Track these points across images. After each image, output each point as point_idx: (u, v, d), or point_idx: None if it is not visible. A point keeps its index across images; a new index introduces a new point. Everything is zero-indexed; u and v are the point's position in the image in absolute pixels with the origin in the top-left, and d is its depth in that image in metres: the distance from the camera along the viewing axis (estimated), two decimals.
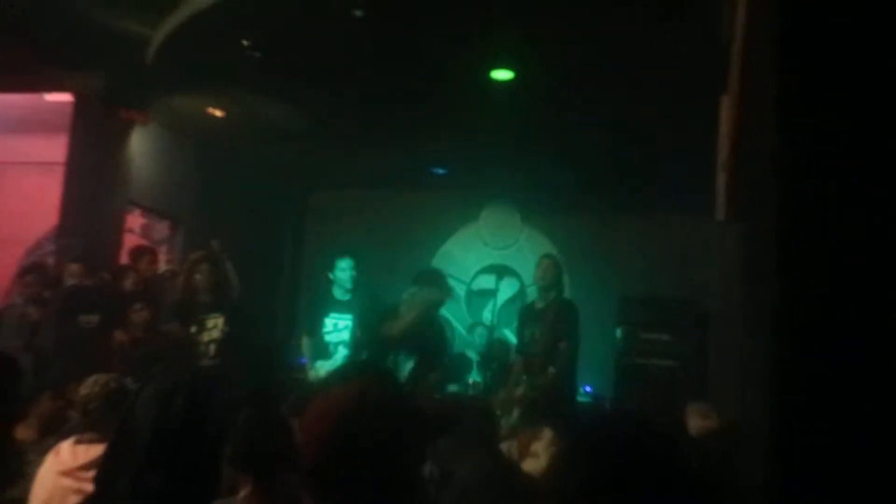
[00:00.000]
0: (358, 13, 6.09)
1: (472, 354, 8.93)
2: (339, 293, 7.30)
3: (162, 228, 10.13)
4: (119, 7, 6.79)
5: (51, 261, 8.60)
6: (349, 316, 7.23)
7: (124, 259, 8.53)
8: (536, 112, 7.72)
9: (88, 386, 4.14)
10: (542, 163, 9.07)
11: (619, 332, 9.15)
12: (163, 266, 8.77)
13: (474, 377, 8.50)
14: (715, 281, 8.11)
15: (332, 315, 7.31)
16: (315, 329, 7.29)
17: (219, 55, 7.10)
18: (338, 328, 7.30)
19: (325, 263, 7.50)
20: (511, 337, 9.38)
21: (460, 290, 10.89)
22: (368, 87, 7.60)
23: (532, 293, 9.86)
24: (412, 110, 8.06)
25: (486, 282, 10.68)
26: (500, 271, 10.59)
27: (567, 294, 10.32)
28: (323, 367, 7.01)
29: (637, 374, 8.85)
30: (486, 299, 10.46)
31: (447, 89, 7.50)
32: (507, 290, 10.38)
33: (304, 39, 6.76)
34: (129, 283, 7.62)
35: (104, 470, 2.11)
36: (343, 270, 7.26)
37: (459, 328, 10.66)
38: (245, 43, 6.77)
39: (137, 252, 8.31)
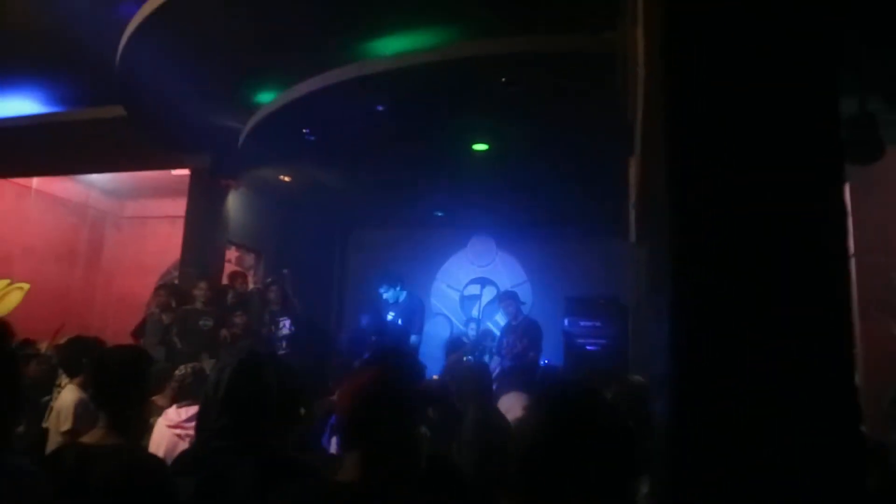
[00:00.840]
0: (380, 108, 6.17)
1: (467, 339, 8.90)
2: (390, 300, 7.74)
3: (250, 259, 10.08)
4: (220, 110, 6.85)
5: (175, 281, 8.62)
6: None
7: (225, 280, 8.57)
8: (505, 171, 7.69)
9: (182, 369, 4.22)
10: (510, 207, 9.05)
11: (565, 322, 9.12)
12: (251, 285, 8.77)
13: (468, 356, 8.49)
14: (630, 283, 8.12)
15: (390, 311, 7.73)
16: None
17: (287, 139, 7.10)
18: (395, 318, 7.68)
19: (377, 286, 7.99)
20: (492, 328, 9.44)
21: (455, 295, 10.89)
22: (389, 157, 7.56)
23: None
24: (419, 172, 8.02)
25: (473, 289, 10.66)
26: (483, 282, 10.62)
27: (530, 296, 10.39)
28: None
29: (579, 351, 8.81)
30: (473, 301, 10.45)
31: (443, 157, 7.49)
32: (487, 295, 10.40)
33: (344, 126, 6.75)
34: (229, 298, 7.65)
35: (200, 414, 2.15)
36: (386, 291, 7.77)
37: (457, 322, 10.65)
38: (304, 131, 6.82)
39: (234, 276, 8.34)
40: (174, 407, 3.87)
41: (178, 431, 3.69)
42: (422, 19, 5.05)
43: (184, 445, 3.45)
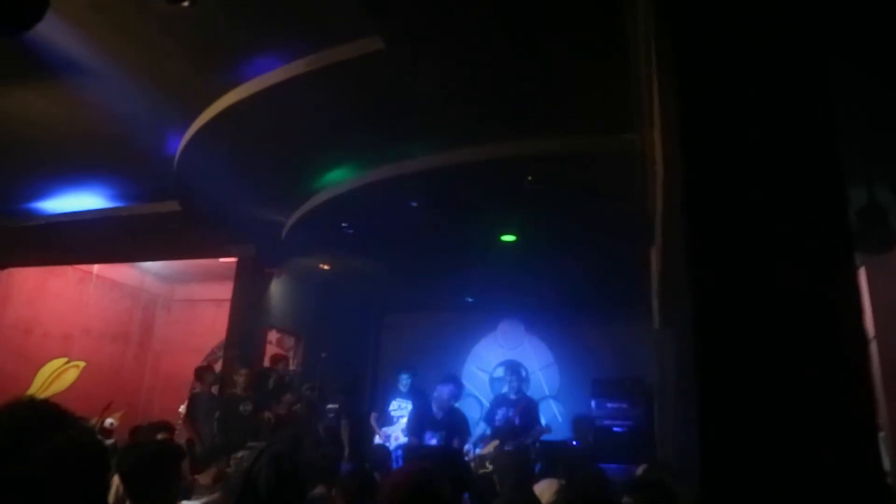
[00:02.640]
0: (414, 204, 6.28)
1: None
2: (403, 389, 7.69)
3: (290, 341, 10.10)
4: (265, 205, 7.03)
5: (218, 365, 8.63)
6: (409, 400, 7.48)
7: (267, 363, 8.57)
8: (532, 260, 7.70)
9: (242, 454, 4.16)
10: (537, 292, 9.01)
11: (593, 403, 8.94)
12: (292, 367, 8.77)
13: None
14: (654, 366, 7.97)
15: (398, 399, 7.60)
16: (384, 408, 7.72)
17: (326, 231, 7.22)
18: (401, 407, 7.54)
19: (395, 373, 7.99)
20: None
21: (485, 377, 10.75)
22: (422, 247, 7.63)
23: (535, 379, 9.80)
24: (450, 261, 8.06)
25: (501, 372, 10.52)
26: (510, 365, 10.49)
27: (557, 379, 10.21)
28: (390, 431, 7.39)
29: (606, 432, 8.60)
30: (502, 383, 10.27)
31: (473, 247, 7.54)
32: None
33: (380, 220, 6.87)
34: (271, 382, 7.63)
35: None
36: (404, 380, 7.72)
37: (486, 402, 10.46)
38: (343, 224, 6.96)
39: (276, 359, 8.33)
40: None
41: None
42: (452, 125, 5.18)
43: None
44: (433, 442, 6.44)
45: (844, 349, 1.54)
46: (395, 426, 7.48)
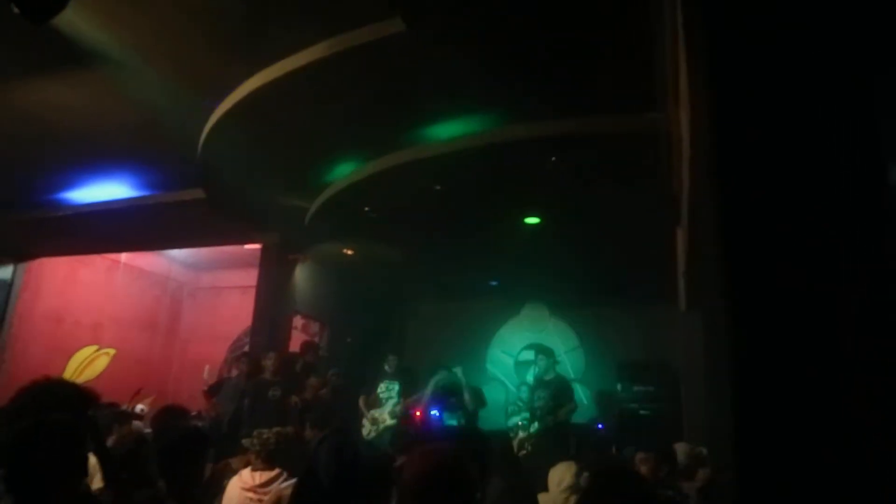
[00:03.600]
0: (437, 187, 6.27)
1: (521, 403, 8.70)
2: (389, 370, 7.73)
3: (315, 326, 10.19)
4: (289, 191, 7.07)
5: (246, 349, 8.73)
6: (396, 382, 7.53)
7: (293, 345, 8.64)
8: (556, 242, 7.65)
9: (267, 434, 4.21)
10: (562, 275, 8.96)
11: (619, 387, 8.91)
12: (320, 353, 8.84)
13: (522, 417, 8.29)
14: (681, 349, 7.91)
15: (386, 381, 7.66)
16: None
17: (350, 216, 7.23)
18: (388, 389, 7.57)
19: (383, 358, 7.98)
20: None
21: (509, 361, 10.75)
22: (446, 232, 7.62)
23: (560, 363, 9.76)
24: (475, 245, 8.03)
25: (527, 355, 10.44)
26: (537, 348, 10.44)
27: (582, 362, 10.18)
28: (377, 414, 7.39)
29: (632, 416, 8.57)
30: (527, 367, 10.23)
31: (497, 231, 7.49)
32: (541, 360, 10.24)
33: (404, 204, 6.86)
34: (297, 367, 7.70)
35: (296, 494, 2.12)
36: (391, 361, 7.75)
37: (511, 386, 10.47)
38: (366, 209, 6.96)
39: (306, 346, 8.39)
40: (248, 469, 3.88)
41: (251, 495, 3.69)
42: (476, 105, 5.16)
43: None
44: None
45: (886, 331, 1.51)
46: (384, 408, 7.46)
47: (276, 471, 3.87)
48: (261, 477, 3.78)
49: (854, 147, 1.65)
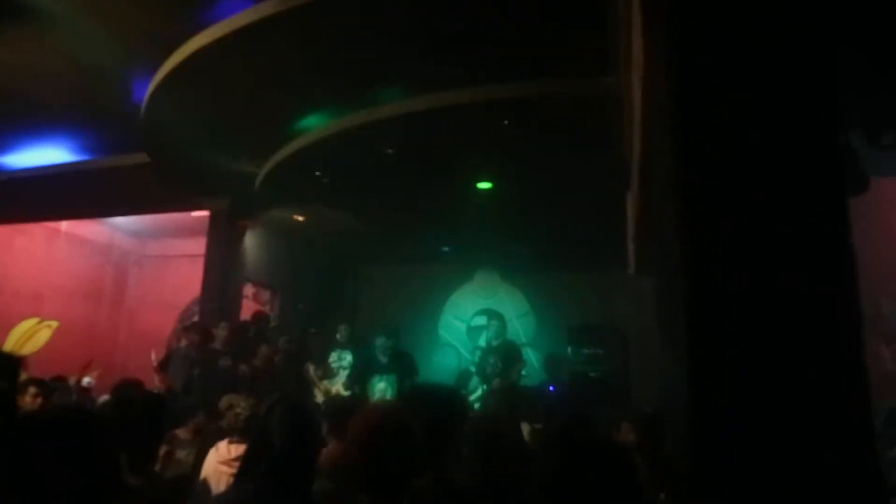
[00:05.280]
0: (389, 151, 6.19)
1: (472, 368, 8.78)
2: (341, 339, 7.56)
3: (266, 294, 10.06)
4: (237, 155, 6.90)
5: (195, 318, 8.57)
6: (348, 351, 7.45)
7: (244, 314, 8.52)
8: (508, 208, 7.67)
9: (241, 407, 4.16)
10: (513, 241, 9.01)
11: (569, 350, 9.06)
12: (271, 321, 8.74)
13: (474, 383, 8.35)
14: (629, 312, 8.10)
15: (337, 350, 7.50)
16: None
17: (300, 181, 7.12)
18: (340, 359, 7.47)
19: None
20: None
21: (462, 326, 10.83)
22: (398, 197, 7.57)
23: (511, 328, 9.86)
24: (426, 210, 8.01)
25: (479, 320, 10.51)
26: (488, 313, 10.52)
27: (533, 327, 10.32)
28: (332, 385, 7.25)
29: (582, 378, 8.74)
30: (479, 332, 10.32)
31: (449, 196, 7.47)
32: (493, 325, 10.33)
33: (355, 168, 6.76)
34: (250, 334, 7.60)
35: (247, 458, 2.10)
36: (342, 330, 7.63)
37: (464, 351, 10.57)
38: (317, 173, 6.85)
39: (258, 316, 8.27)
40: (226, 442, 3.80)
41: (225, 468, 3.63)
42: (428, 67, 5.08)
43: None
44: (381, 387, 6.36)
45: (835, 294, 1.56)
46: (336, 379, 7.36)
47: None
48: (237, 449, 3.71)
49: (810, 109, 1.66)
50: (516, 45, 4.67)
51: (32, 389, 4.62)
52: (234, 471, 3.52)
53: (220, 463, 3.60)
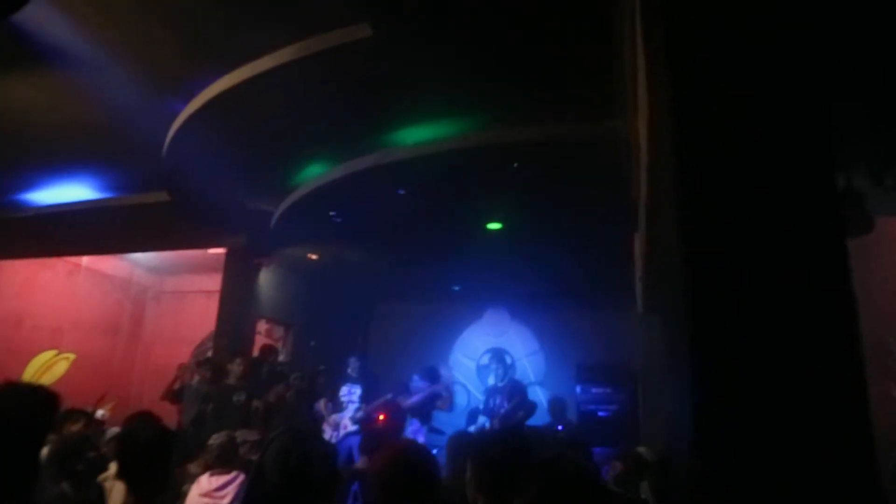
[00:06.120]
0: (401, 192, 6.25)
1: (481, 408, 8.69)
2: (352, 373, 7.50)
3: (280, 331, 10.05)
4: (254, 195, 6.98)
5: (210, 354, 8.55)
6: (359, 385, 7.36)
7: (257, 350, 8.50)
8: (518, 248, 7.67)
9: (217, 439, 4.14)
10: (523, 280, 8.97)
11: (577, 389, 8.98)
12: (282, 357, 8.71)
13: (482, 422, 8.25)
14: (638, 351, 8.03)
15: (348, 384, 7.47)
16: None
17: (315, 221, 7.17)
18: (350, 392, 7.38)
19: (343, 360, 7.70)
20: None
21: (472, 365, 10.74)
22: (409, 236, 7.59)
23: (521, 366, 9.78)
24: (437, 250, 8.02)
25: (488, 359, 10.49)
26: (495, 353, 10.46)
27: (543, 365, 10.23)
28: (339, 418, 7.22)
29: (591, 417, 8.65)
30: (488, 370, 10.24)
31: (459, 236, 7.50)
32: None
33: (367, 209, 6.82)
34: (263, 372, 7.58)
35: (247, 496, 2.05)
36: (353, 363, 7.55)
37: (473, 390, 10.46)
38: (331, 213, 6.91)
39: (266, 350, 8.26)
40: (207, 475, 3.81)
41: (207, 500, 3.62)
42: (439, 113, 5.16)
43: None
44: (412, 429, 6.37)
45: (841, 337, 1.54)
46: (345, 413, 7.30)
47: (233, 473, 3.79)
48: (217, 480, 3.71)
49: (810, 152, 1.67)
50: (527, 89, 4.73)
51: (83, 419, 4.73)
52: (215, 501, 3.51)
53: (200, 496, 3.59)
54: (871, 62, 3.06)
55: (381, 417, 6.48)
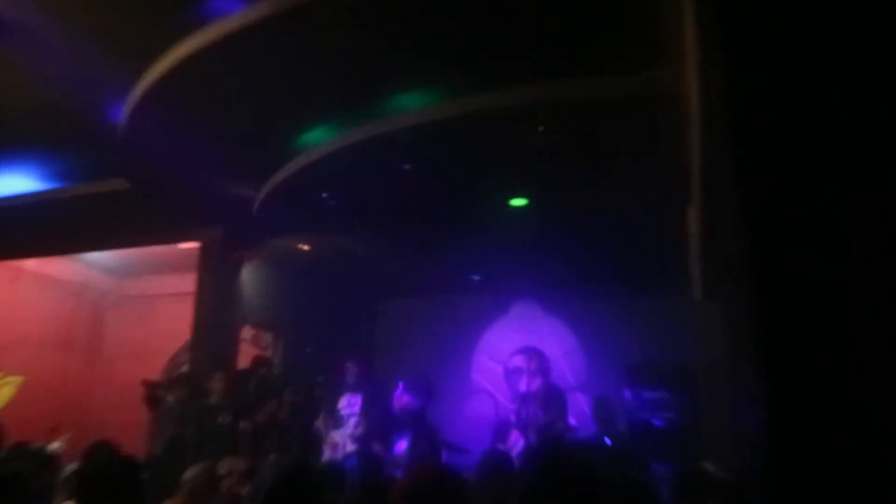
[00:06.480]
0: (406, 166, 6.30)
1: (513, 418, 8.74)
2: (351, 381, 7.41)
3: (267, 337, 10.12)
4: (232, 177, 7.05)
5: (185, 368, 8.64)
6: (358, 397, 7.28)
7: (242, 361, 8.59)
8: (548, 227, 7.73)
9: (191, 472, 4.24)
10: (555, 266, 9.00)
11: (627, 394, 8.98)
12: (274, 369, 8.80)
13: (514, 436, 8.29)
14: (698, 347, 8.01)
15: (347, 396, 7.39)
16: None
17: (305, 204, 7.24)
18: (350, 404, 7.33)
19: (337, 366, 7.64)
20: None
21: (499, 369, 10.78)
22: (419, 219, 7.65)
23: (557, 369, 9.80)
24: (452, 232, 8.07)
25: (517, 361, 10.49)
26: (527, 352, 10.48)
27: (583, 366, 10.27)
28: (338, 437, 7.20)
29: (644, 427, 8.66)
30: (518, 375, 10.30)
31: (478, 215, 7.54)
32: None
33: (367, 188, 6.88)
34: (251, 386, 7.67)
35: None
36: (351, 370, 7.43)
37: (502, 399, 10.52)
38: (325, 195, 6.97)
39: (258, 361, 8.36)
40: None
41: None
42: (449, 69, 5.18)
43: None
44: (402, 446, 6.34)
45: None
46: (344, 429, 7.24)
47: None
48: None
49: (882, 97, 1.66)
50: (552, 37, 4.74)
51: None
52: None
53: None
54: None
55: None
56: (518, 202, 7.16)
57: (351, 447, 7.01)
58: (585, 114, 5.40)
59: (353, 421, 7.28)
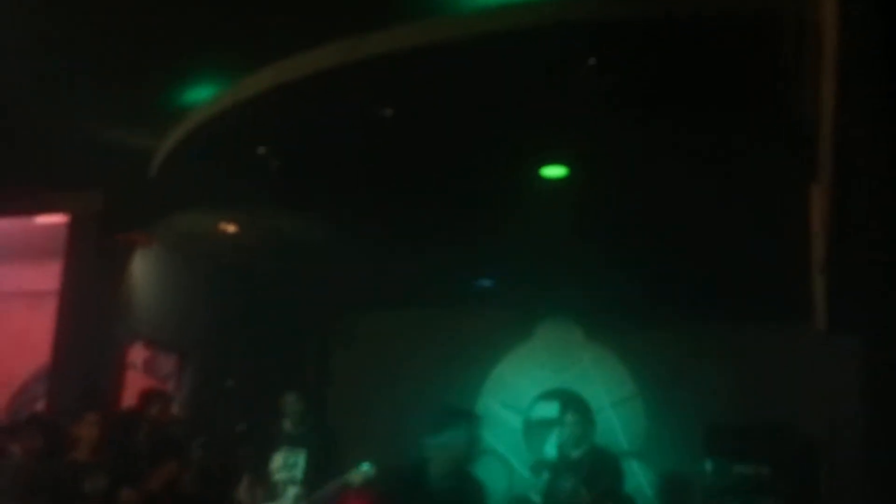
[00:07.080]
0: (387, 112, 6.21)
1: (536, 498, 8.75)
2: (291, 427, 7.41)
3: (167, 363, 10.15)
4: (118, 119, 6.98)
5: (40, 405, 8.61)
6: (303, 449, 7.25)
7: (126, 399, 8.54)
8: (595, 212, 7.72)
9: None
10: (605, 270, 8.95)
11: (707, 466, 8.99)
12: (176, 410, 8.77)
13: None
14: (821, 403, 8.01)
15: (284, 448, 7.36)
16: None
17: (231, 165, 7.23)
18: (288, 464, 7.31)
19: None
20: None
21: (517, 421, 10.80)
22: (400, 192, 7.64)
23: (603, 423, 9.78)
24: (451, 215, 8.08)
25: (548, 410, 10.51)
26: (563, 398, 10.45)
27: (643, 422, 10.25)
28: None
29: None
30: (548, 431, 10.29)
31: (491, 190, 7.51)
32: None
33: (327, 143, 6.84)
34: (140, 436, 7.62)
35: None
36: (291, 404, 7.43)
37: (518, 465, 10.53)
38: (261, 150, 6.89)
39: (149, 396, 8.28)
40: None
41: None
42: None
43: None
44: None
45: None
46: (281, 501, 7.29)
47: None
48: None
49: None
50: None
51: None
52: None
53: None
54: None
55: None
56: (553, 172, 7.16)
57: None
58: (657, 39, 5.33)
59: (292, 491, 7.26)
